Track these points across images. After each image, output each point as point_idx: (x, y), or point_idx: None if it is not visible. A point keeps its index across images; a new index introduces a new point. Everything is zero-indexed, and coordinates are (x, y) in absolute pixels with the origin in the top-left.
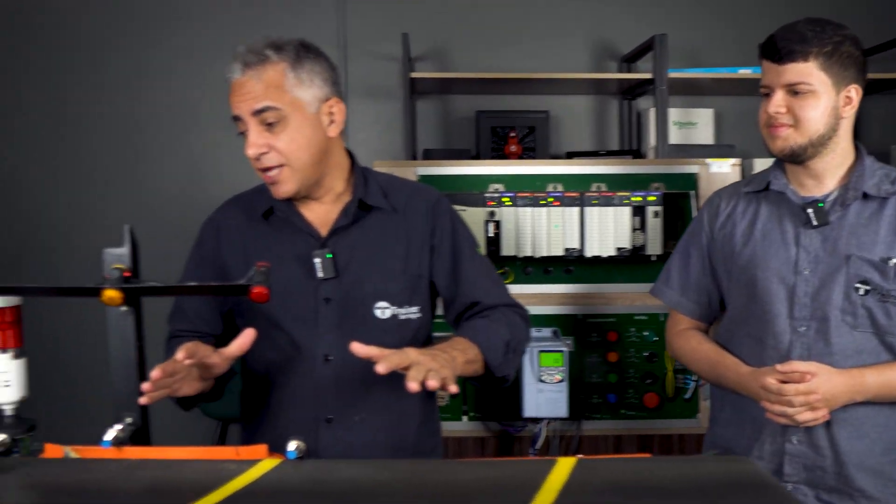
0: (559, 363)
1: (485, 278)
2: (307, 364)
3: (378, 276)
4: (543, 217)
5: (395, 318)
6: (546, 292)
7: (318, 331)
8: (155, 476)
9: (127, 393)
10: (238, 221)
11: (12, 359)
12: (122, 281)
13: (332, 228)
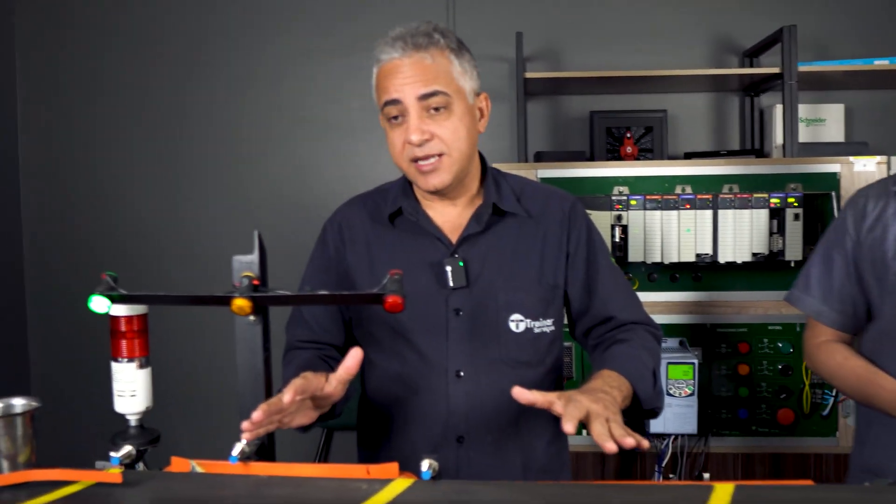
0: (689, 376)
1: (620, 292)
2: (437, 379)
3: (512, 287)
4: (674, 220)
5: (530, 331)
6: (672, 300)
7: (448, 344)
8: (285, 495)
9: (253, 406)
10: (362, 223)
11: (138, 368)
12: (251, 289)
13: (463, 234)
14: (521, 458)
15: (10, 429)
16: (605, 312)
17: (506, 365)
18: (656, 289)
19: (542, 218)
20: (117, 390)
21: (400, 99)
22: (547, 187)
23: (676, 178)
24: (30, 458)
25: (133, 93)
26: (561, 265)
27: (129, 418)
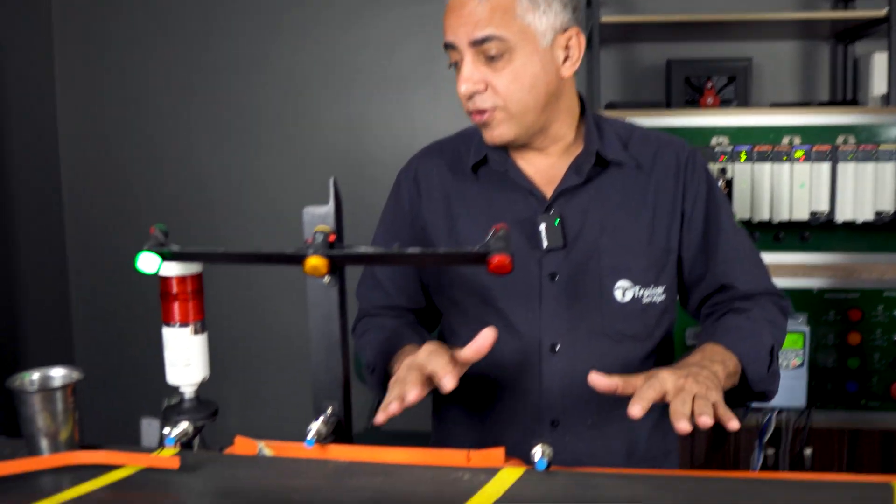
0: (798, 345)
1: (745, 257)
2: (529, 354)
3: (617, 249)
4: (785, 174)
5: (638, 301)
6: (776, 262)
7: (541, 314)
8: (373, 486)
9: (329, 379)
10: (441, 174)
11: (193, 334)
12: (327, 246)
13: (559, 188)
14: (624, 443)
15: (48, 404)
16: (724, 280)
17: (609, 339)
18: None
19: (653, 169)
20: (170, 359)
21: (454, 43)
22: (660, 134)
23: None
24: (72, 435)
25: (184, 44)
26: (675, 224)
27: (184, 390)
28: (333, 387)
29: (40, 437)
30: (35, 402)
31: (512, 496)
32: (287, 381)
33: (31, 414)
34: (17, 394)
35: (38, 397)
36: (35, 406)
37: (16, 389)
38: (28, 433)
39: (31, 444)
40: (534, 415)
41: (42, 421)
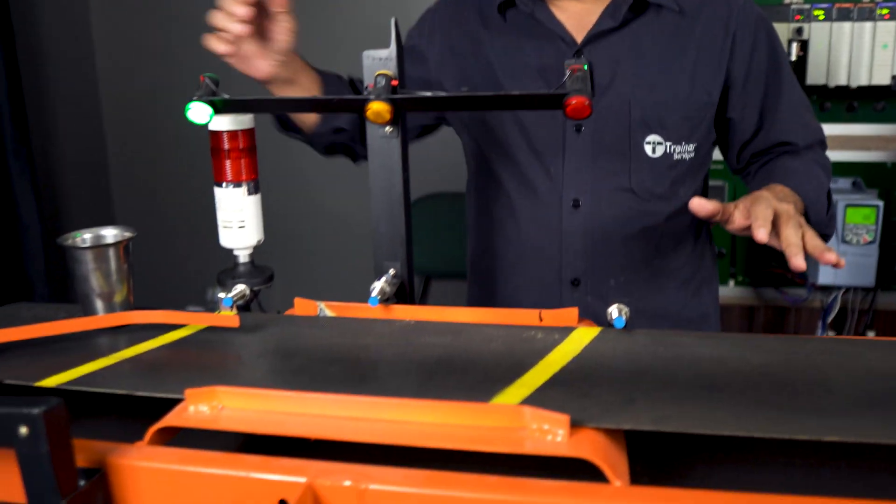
0: (870, 220)
1: (803, 112)
2: (549, 210)
3: (651, 101)
4: (867, 34)
5: (669, 157)
6: (847, 134)
7: (564, 168)
8: (443, 344)
9: (391, 237)
10: (469, 15)
11: (247, 194)
12: (389, 91)
13: (590, 32)
14: (651, 305)
15: (101, 262)
16: (782, 137)
17: (635, 196)
18: (829, 119)
19: (699, 15)
20: (222, 221)
21: None
22: None
23: None
24: (127, 297)
25: None
26: (719, 79)
27: (238, 254)
28: (395, 246)
29: (94, 298)
30: (88, 258)
31: (590, 354)
32: (350, 241)
33: (85, 273)
34: (70, 251)
35: (92, 254)
36: (89, 264)
37: (68, 247)
38: (82, 293)
39: (85, 305)
40: (554, 274)
41: (96, 280)
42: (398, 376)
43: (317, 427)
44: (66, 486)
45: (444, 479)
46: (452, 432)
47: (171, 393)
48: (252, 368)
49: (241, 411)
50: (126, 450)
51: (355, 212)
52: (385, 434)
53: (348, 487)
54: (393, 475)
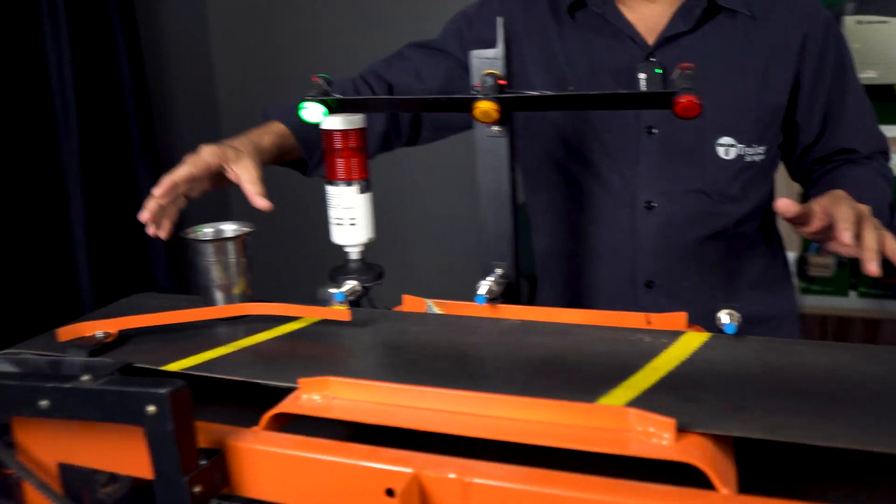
0: None
1: (867, 119)
2: (622, 212)
3: (723, 103)
4: None
5: (741, 159)
6: None
7: (637, 169)
8: (549, 344)
9: (498, 236)
10: (535, 14)
11: (358, 192)
12: (497, 90)
13: (663, 33)
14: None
15: (221, 255)
16: (843, 144)
17: (707, 198)
18: None
19: (769, 17)
20: (334, 218)
21: None
22: None
23: None
24: (245, 290)
25: None
26: (788, 82)
27: (349, 251)
28: (502, 246)
29: (214, 289)
30: (209, 251)
31: (699, 359)
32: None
33: (206, 265)
34: (192, 244)
35: (212, 247)
36: (209, 256)
37: (190, 240)
38: (203, 285)
39: (205, 296)
40: (627, 275)
41: (216, 272)
42: (504, 374)
43: (424, 420)
44: (189, 463)
45: (547, 477)
46: (557, 431)
47: (285, 382)
48: (362, 361)
49: (351, 401)
50: (244, 433)
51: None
52: (490, 430)
53: (453, 480)
54: (497, 471)
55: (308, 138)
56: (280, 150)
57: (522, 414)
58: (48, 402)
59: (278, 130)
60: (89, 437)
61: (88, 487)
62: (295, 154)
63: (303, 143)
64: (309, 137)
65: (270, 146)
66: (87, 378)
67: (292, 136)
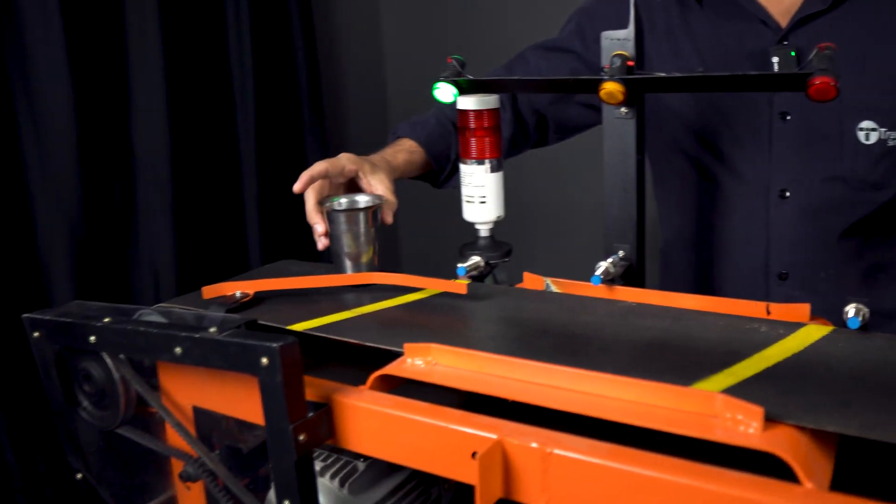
0: None
1: None
2: (754, 201)
3: (863, 85)
4: None
5: (883, 144)
6: None
7: (770, 156)
8: (660, 327)
9: (622, 219)
10: (658, 5)
11: (489, 172)
12: (625, 72)
13: (797, 14)
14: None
15: (352, 225)
16: None
17: (846, 185)
18: None
19: None
20: (466, 196)
21: None
22: None
23: None
24: (372, 259)
25: None
26: None
27: (479, 228)
28: (626, 229)
29: (344, 257)
30: (341, 220)
31: (814, 352)
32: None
33: (338, 233)
34: (328, 213)
35: (344, 216)
36: (341, 225)
37: (326, 209)
38: (335, 252)
39: (336, 263)
40: (759, 266)
41: (346, 241)
42: (608, 354)
43: (514, 390)
44: (296, 413)
45: (627, 454)
46: (642, 410)
47: (395, 346)
48: (471, 332)
49: (451, 368)
50: (350, 391)
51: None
52: (576, 404)
53: (534, 449)
54: (578, 444)
55: (437, 152)
56: (411, 166)
57: (611, 391)
58: (181, 350)
59: (409, 147)
60: (218, 383)
61: (219, 431)
62: (425, 168)
63: (433, 158)
64: (438, 151)
65: (402, 163)
66: (214, 330)
67: (422, 152)
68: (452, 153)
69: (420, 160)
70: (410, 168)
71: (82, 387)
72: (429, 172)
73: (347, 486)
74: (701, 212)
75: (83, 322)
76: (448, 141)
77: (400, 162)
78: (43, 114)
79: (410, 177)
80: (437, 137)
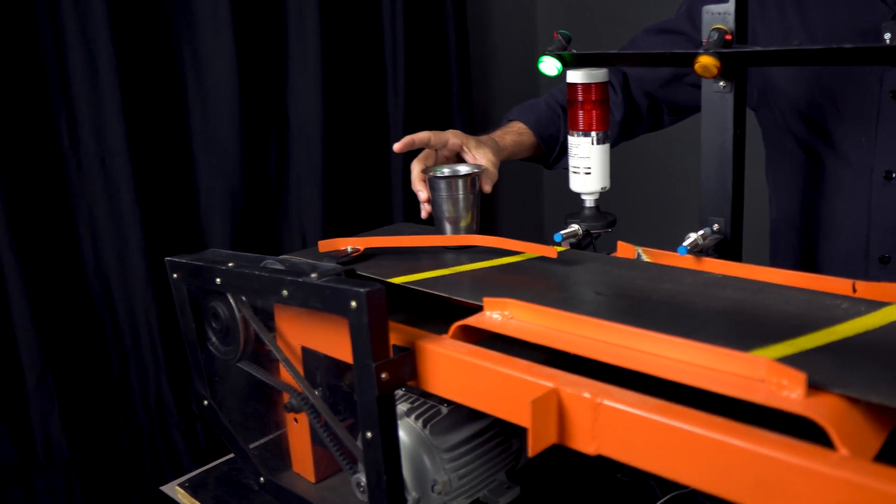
0: None
1: None
2: (859, 183)
3: None
4: None
5: None
6: None
7: (877, 138)
8: (737, 299)
9: (718, 193)
10: None
11: (594, 144)
12: (721, 45)
13: None
14: None
15: (452, 191)
16: None
17: None
18: None
19: None
20: (572, 166)
21: None
22: None
23: None
24: (471, 224)
25: None
26: None
27: (584, 198)
28: (721, 202)
29: (444, 221)
30: (442, 187)
31: (890, 331)
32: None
33: (439, 200)
34: (431, 180)
35: (444, 183)
36: (442, 192)
37: (430, 177)
38: (437, 217)
39: (438, 227)
40: (860, 249)
41: (446, 206)
42: (675, 318)
43: (577, 345)
44: (379, 354)
45: (672, 410)
46: (691, 370)
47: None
48: (555, 292)
49: (524, 322)
50: (432, 338)
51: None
52: (628, 359)
53: (586, 399)
54: (627, 397)
55: (546, 135)
56: (519, 147)
57: (664, 351)
58: (287, 292)
59: (518, 129)
60: (322, 325)
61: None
62: (535, 150)
63: (542, 140)
64: (547, 134)
65: (510, 144)
66: (315, 276)
67: (531, 134)
68: (561, 135)
69: (529, 142)
70: (519, 149)
71: (211, 324)
72: (539, 154)
73: (430, 427)
74: (805, 192)
75: (211, 265)
76: (557, 124)
77: (508, 143)
78: (208, 86)
79: (520, 158)
80: (547, 120)
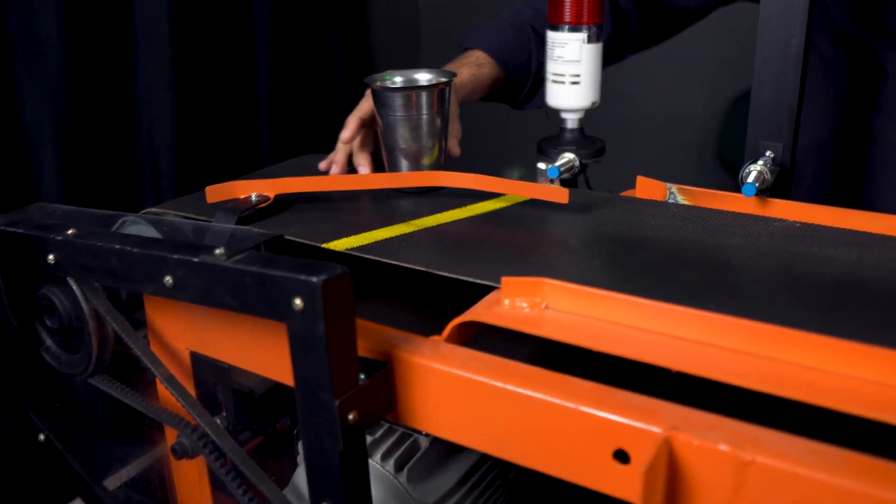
0: None
1: None
2: None
3: None
4: None
5: None
6: None
7: None
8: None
9: (775, 108)
10: None
11: (587, 42)
12: None
13: None
14: None
15: (410, 110)
16: None
17: None
18: None
19: None
20: (552, 73)
21: None
22: None
23: None
24: (438, 159)
25: None
26: None
27: (566, 117)
28: (780, 121)
29: (398, 153)
30: (396, 104)
31: None
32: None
33: (392, 121)
34: (377, 94)
35: (401, 97)
36: (396, 110)
37: (376, 89)
38: (388, 146)
39: (389, 161)
40: None
41: (403, 131)
42: (784, 297)
43: (674, 355)
44: (343, 380)
45: (869, 466)
46: (852, 388)
47: (480, 277)
48: (581, 259)
49: (570, 315)
50: (419, 344)
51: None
52: (768, 380)
53: (724, 453)
54: (790, 446)
55: (515, 64)
56: (478, 83)
57: (822, 361)
58: (172, 279)
59: (476, 59)
60: (227, 325)
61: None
62: (497, 83)
63: (509, 70)
64: (515, 63)
65: (468, 80)
66: (221, 252)
67: (494, 64)
68: (534, 63)
69: (490, 74)
70: (478, 85)
71: (43, 321)
72: (504, 90)
73: (407, 471)
74: (851, 112)
75: (38, 235)
76: (528, 48)
77: (465, 78)
78: None
79: (479, 97)
80: (515, 45)
